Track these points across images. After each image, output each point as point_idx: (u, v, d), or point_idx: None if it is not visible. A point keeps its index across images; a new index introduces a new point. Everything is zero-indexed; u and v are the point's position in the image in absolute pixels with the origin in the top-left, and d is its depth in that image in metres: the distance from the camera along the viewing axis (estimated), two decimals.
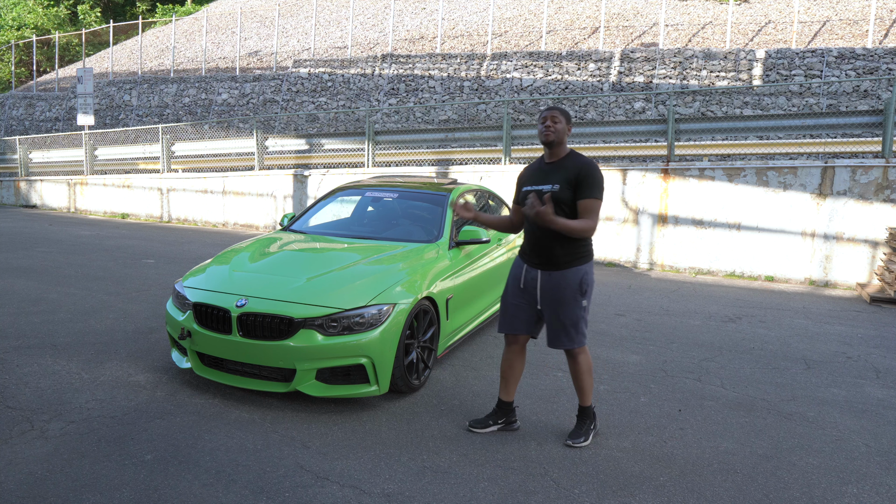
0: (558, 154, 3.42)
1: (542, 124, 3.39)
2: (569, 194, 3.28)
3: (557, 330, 3.39)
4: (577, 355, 3.44)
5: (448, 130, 12.02)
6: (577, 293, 3.34)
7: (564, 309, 3.35)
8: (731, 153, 10.45)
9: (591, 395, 3.51)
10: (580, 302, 3.36)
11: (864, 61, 13.46)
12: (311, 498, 2.85)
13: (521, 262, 3.52)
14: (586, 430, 3.48)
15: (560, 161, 3.41)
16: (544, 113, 3.43)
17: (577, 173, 3.28)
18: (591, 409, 3.53)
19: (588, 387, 3.48)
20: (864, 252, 8.43)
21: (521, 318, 3.47)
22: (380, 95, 17.64)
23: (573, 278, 3.34)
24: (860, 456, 3.44)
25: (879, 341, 5.81)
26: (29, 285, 7.01)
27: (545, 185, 3.36)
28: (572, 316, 3.36)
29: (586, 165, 3.32)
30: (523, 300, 3.46)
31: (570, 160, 3.38)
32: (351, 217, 5.80)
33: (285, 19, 24.72)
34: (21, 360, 4.53)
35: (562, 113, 3.39)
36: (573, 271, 3.34)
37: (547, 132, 3.37)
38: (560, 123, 3.37)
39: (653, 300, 7.34)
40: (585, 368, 3.45)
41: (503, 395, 3.61)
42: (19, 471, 2.99)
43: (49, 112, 24.29)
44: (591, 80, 15.50)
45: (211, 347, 3.84)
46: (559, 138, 3.38)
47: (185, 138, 15.50)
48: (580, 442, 3.43)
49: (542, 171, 3.44)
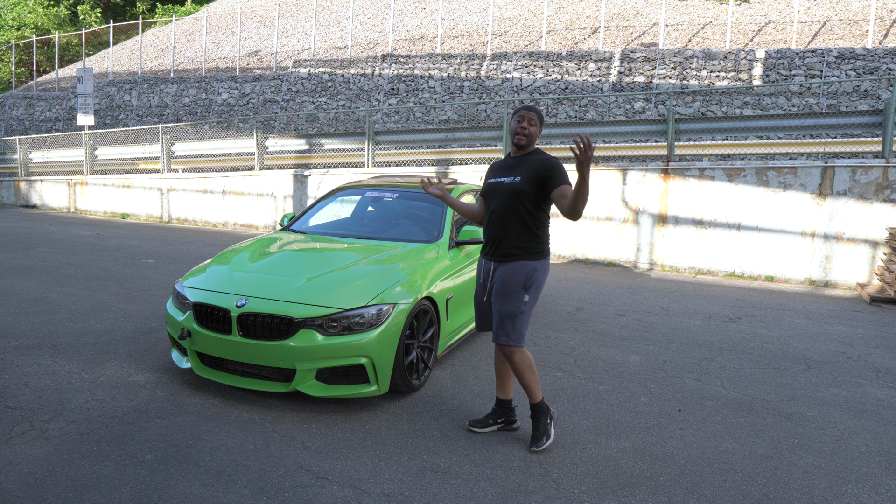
0: (524, 151, 3.49)
1: (518, 124, 3.42)
2: (529, 188, 3.32)
3: (497, 322, 3.37)
4: (513, 355, 3.36)
5: (448, 130, 12.02)
6: (520, 286, 3.32)
7: (505, 300, 3.33)
8: (731, 153, 10.45)
9: (538, 390, 3.42)
10: (521, 296, 3.32)
11: (864, 61, 13.46)
12: (311, 498, 2.85)
13: (482, 259, 3.57)
14: (544, 428, 3.40)
15: (525, 156, 3.46)
16: (520, 113, 3.44)
17: (539, 169, 3.32)
18: (543, 405, 3.44)
19: (532, 383, 3.40)
20: (864, 252, 8.43)
21: (483, 313, 3.55)
22: (380, 95, 17.64)
23: (520, 270, 3.34)
24: (860, 456, 3.44)
25: (879, 341, 5.81)
26: (29, 285, 7.01)
27: (508, 177, 3.42)
28: (511, 307, 3.31)
29: (549, 161, 3.36)
30: (484, 296, 3.51)
31: (534, 156, 3.43)
32: (351, 217, 5.80)
33: (285, 19, 24.72)
34: (21, 360, 4.53)
35: (537, 116, 3.44)
36: (522, 264, 3.35)
37: (520, 136, 3.42)
38: (534, 127, 3.43)
39: (653, 300, 7.34)
40: (524, 367, 3.37)
41: (500, 393, 3.62)
42: (19, 471, 2.99)
43: (49, 112, 24.29)
44: (591, 80, 15.49)
45: (211, 347, 3.84)
46: (530, 142, 3.45)
47: (185, 138, 15.50)
48: (543, 444, 3.35)
49: (507, 165, 3.50)
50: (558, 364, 4.81)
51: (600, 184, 9.92)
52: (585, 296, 7.45)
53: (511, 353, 3.35)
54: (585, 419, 3.81)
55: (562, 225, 10.23)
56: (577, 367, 4.79)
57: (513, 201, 3.34)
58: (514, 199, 3.34)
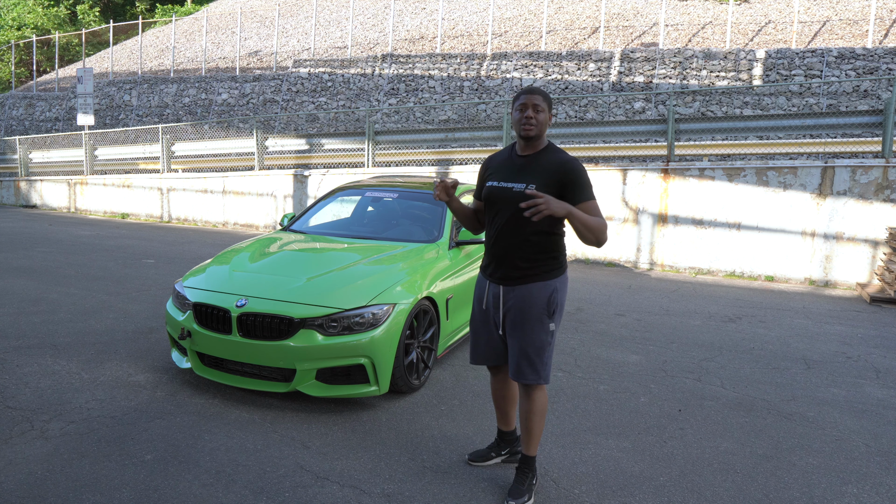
0: (535, 146, 2.82)
1: (522, 114, 2.76)
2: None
3: (520, 359, 2.80)
4: (534, 393, 2.84)
5: (448, 130, 12.02)
6: (543, 313, 2.77)
7: (528, 332, 2.78)
8: (731, 153, 10.45)
9: (538, 444, 2.94)
10: (547, 324, 2.79)
11: (864, 61, 13.46)
12: (311, 498, 2.85)
13: (482, 279, 2.97)
14: (529, 486, 2.89)
15: (536, 155, 2.81)
16: (523, 98, 2.77)
17: (560, 174, 2.72)
18: (534, 461, 2.95)
19: (538, 433, 2.90)
20: (864, 252, 8.43)
21: (490, 345, 2.95)
22: (380, 95, 17.64)
23: (540, 294, 2.77)
24: (860, 456, 3.44)
25: (879, 341, 5.81)
26: (29, 285, 7.01)
27: (517, 182, 2.77)
28: (536, 341, 2.77)
29: (570, 164, 2.74)
30: (488, 324, 2.93)
31: (549, 156, 2.80)
32: (351, 217, 5.80)
33: (285, 19, 24.72)
34: (21, 360, 4.53)
35: (544, 99, 2.78)
36: (541, 286, 2.78)
37: (528, 126, 2.74)
38: (543, 113, 2.77)
39: (653, 300, 7.34)
40: (539, 409, 2.86)
41: (501, 424, 3.19)
42: (19, 471, 2.99)
43: (49, 112, 24.29)
44: (591, 80, 15.49)
45: (211, 347, 3.84)
46: (541, 131, 2.78)
47: (185, 138, 15.51)
48: (524, 502, 2.84)
49: (514, 164, 2.83)
50: (558, 364, 4.81)
51: (600, 184, 9.92)
52: (585, 296, 7.45)
53: (536, 392, 2.84)
54: (585, 419, 3.81)
55: None
56: (577, 367, 4.79)
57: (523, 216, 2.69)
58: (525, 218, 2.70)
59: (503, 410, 3.16)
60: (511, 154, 2.89)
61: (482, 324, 2.96)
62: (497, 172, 2.87)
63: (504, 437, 3.21)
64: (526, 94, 2.78)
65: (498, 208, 2.81)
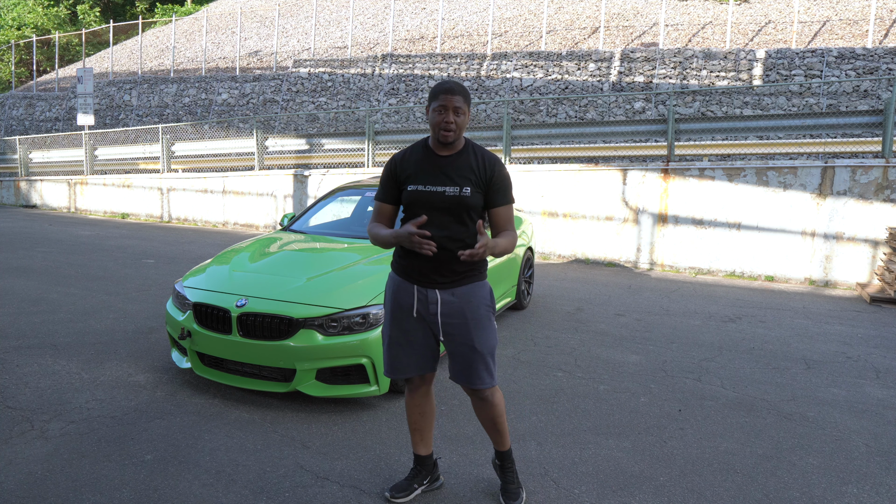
0: (455, 146, 2.64)
1: (440, 116, 2.55)
2: (478, 198, 2.61)
3: (474, 362, 2.66)
4: (494, 396, 2.74)
5: None
6: (489, 311, 2.69)
7: (479, 333, 2.65)
8: (731, 153, 10.45)
9: (508, 437, 2.87)
10: (493, 322, 2.72)
11: (864, 61, 13.46)
12: (311, 498, 2.85)
13: (407, 284, 2.70)
14: (516, 480, 2.86)
15: (458, 155, 2.64)
16: (442, 99, 2.54)
17: (488, 173, 2.61)
18: (511, 453, 2.89)
19: (505, 428, 2.82)
20: (864, 252, 8.43)
21: (421, 353, 2.75)
22: (380, 95, 17.64)
23: (482, 292, 2.68)
24: (860, 456, 3.44)
25: (879, 341, 5.81)
26: (29, 285, 7.01)
27: (447, 186, 2.59)
28: (489, 340, 2.68)
29: (497, 163, 2.64)
30: (416, 332, 2.71)
31: (471, 153, 2.64)
32: (351, 217, 5.80)
33: (285, 19, 24.72)
34: (21, 360, 4.53)
35: (464, 99, 2.58)
36: (480, 285, 2.69)
37: (447, 131, 2.56)
38: (463, 116, 2.57)
39: (653, 300, 7.34)
40: (501, 409, 2.77)
41: (421, 448, 2.93)
42: (19, 471, 2.99)
43: (49, 112, 24.29)
44: (591, 80, 15.49)
45: (211, 347, 3.84)
46: (460, 134, 2.61)
47: (185, 138, 15.51)
48: (523, 498, 2.83)
49: (436, 164, 2.63)
50: (558, 364, 4.81)
51: (600, 184, 9.92)
52: (585, 296, 7.44)
53: (493, 394, 2.73)
54: (585, 419, 3.81)
55: (561, 225, 10.23)
56: (577, 367, 4.79)
57: (462, 216, 2.59)
58: (465, 214, 2.59)
59: (422, 430, 2.90)
60: (426, 153, 2.67)
61: (410, 333, 2.72)
62: (417, 175, 2.64)
63: (423, 462, 2.94)
64: (445, 95, 2.54)
65: (428, 213, 2.58)
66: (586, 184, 10.06)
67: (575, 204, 10.16)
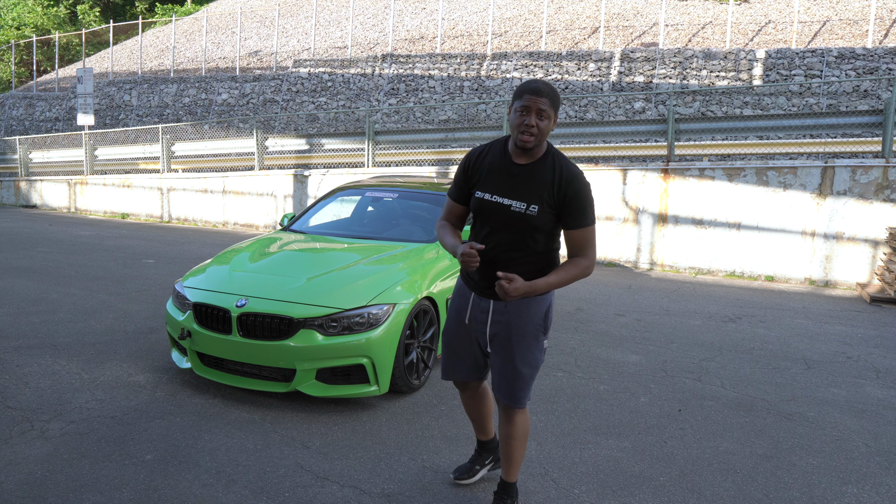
0: (533, 155, 2.45)
1: (521, 118, 2.35)
2: (549, 218, 2.43)
3: (513, 379, 2.57)
4: (516, 415, 2.64)
5: (448, 130, 12.02)
6: (539, 330, 2.55)
7: (523, 350, 2.54)
8: (731, 153, 10.45)
9: (518, 470, 2.73)
10: (542, 341, 2.58)
11: (864, 61, 13.46)
12: (311, 498, 2.85)
13: (467, 290, 2.66)
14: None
15: (536, 165, 2.44)
16: (527, 99, 2.32)
17: (563, 191, 2.39)
18: (514, 487, 2.74)
19: (519, 458, 2.69)
20: (864, 252, 8.43)
21: (468, 360, 2.71)
22: (380, 95, 17.64)
23: (537, 310, 2.53)
24: (860, 456, 3.44)
25: (879, 341, 5.81)
26: (29, 285, 7.01)
27: (514, 200, 2.43)
28: (531, 360, 2.56)
29: (576, 179, 2.41)
30: (464, 338, 2.68)
31: (550, 165, 2.43)
32: (351, 217, 5.80)
33: (285, 19, 24.72)
34: (21, 360, 4.53)
35: (551, 102, 2.35)
36: (538, 301, 2.52)
37: (527, 135, 2.35)
38: (547, 120, 2.36)
39: (653, 300, 7.34)
40: (522, 433, 2.66)
41: (481, 435, 3.00)
42: (19, 471, 2.99)
43: (49, 112, 24.28)
44: (591, 80, 15.49)
45: (211, 347, 3.84)
46: (542, 140, 2.40)
47: (185, 138, 15.51)
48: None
49: (509, 173, 2.46)
50: (558, 364, 4.81)
51: (600, 184, 9.92)
52: (585, 296, 7.45)
53: (518, 413, 2.64)
54: (585, 419, 3.81)
55: None
56: (577, 367, 4.79)
57: (525, 235, 2.44)
58: (528, 233, 2.44)
59: (478, 421, 2.94)
60: (503, 157, 2.49)
61: (461, 337, 2.69)
62: (488, 181, 2.50)
63: (485, 446, 3.02)
64: (530, 95, 2.32)
65: (491, 225, 2.49)
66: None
67: None
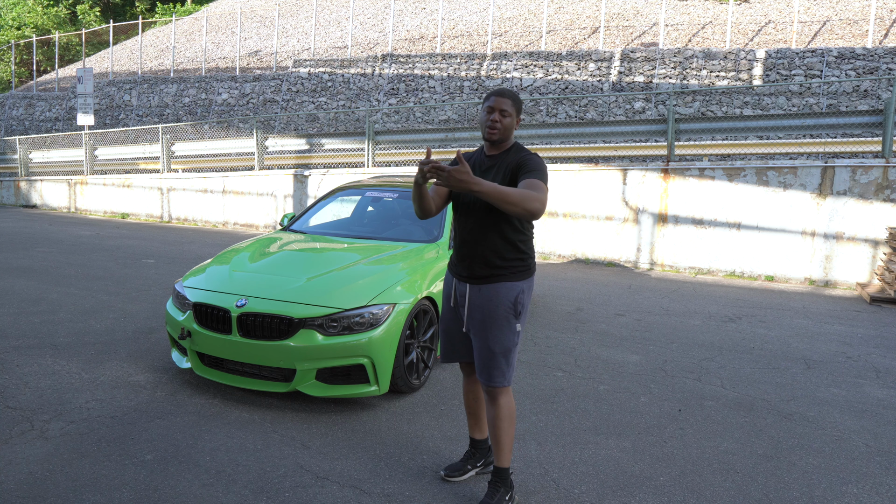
0: (500, 147, 2.83)
1: (488, 116, 2.75)
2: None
3: (487, 360, 2.76)
4: (499, 396, 2.78)
5: (448, 130, 12.02)
6: (510, 313, 2.74)
7: (494, 332, 2.74)
8: (731, 153, 10.45)
9: (510, 453, 2.80)
10: (513, 325, 2.75)
11: (864, 61, 13.45)
12: (311, 498, 2.85)
13: (450, 276, 2.97)
14: (500, 501, 2.77)
15: (502, 155, 2.82)
16: (492, 100, 2.76)
17: (518, 164, 2.73)
18: (507, 473, 2.82)
19: (508, 441, 2.79)
20: (864, 252, 8.43)
21: (464, 343, 2.92)
22: (380, 95, 17.64)
23: (507, 295, 2.74)
24: (860, 456, 3.44)
25: (879, 341, 5.81)
26: (29, 285, 7.00)
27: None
28: (504, 341, 2.74)
29: (528, 154, 2.76)
30: (454, 322, 2.92)
31: (514, 153, 2.80)
32: (351, 217, 5.80)
33: (285, 19, 24.71)
34: (21, 360, 4.53)
35: (513, 103, 2.77)
36: (508, 286, 2.74)
37: (492, 130, 2.75)
38: (509, 118, 2.76)
39: (653, 300, 7.34)
40: (507, 414, 2.78)
41: (475, 433, 3.10)
42: (19, 471, 2.99)
43: (49, 112, 24.28)
44: (591, 80, 15.49)
45: (211, 347, 3.84)
46: (505, 136, 2.78)
47: (185, 138, 15.50)
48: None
49: (483, 165, 2.85)
50: (558, 364, 4.81)
51: (600, 184, 9.92)
52: (585, 296, 7.45)
53: (500, 394, 2.79)
54: (585, 419, 3.81)
55: (561, 224, 10.23)
56: (577, 367, 4.79)
57: (493, 214, 2.71)
58: (495, 212, 2.70)
59: (476, 415, 3.07)
60: (480, 155, 2.90)
61: (452, 321, 2.93)
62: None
63: (477, 446, 3.11)
64: (495, 97, 2.76)
65: (467, 208, 2.78)
66: (586, 184, 10.06)
67: (575, 204, 10.16)
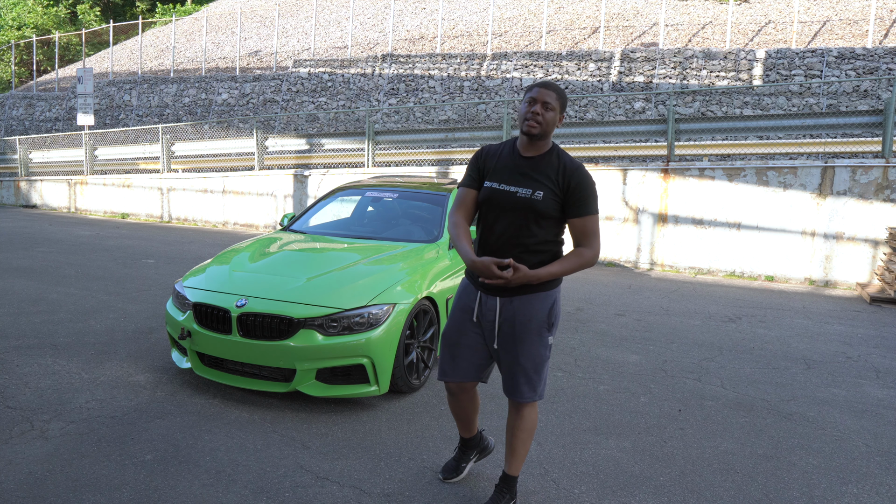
0: (539, 147, 2.58)
1: (529, 108, 2.52)
2: (553, 206, 2.52)
3: (516, 374, 2.62)
4: (526, 410, 2.70)
5: (448, 130, 12.02)
6: (543, 326, 2.59)
7: (527, 347, 2.59)
8: (731, 153, 10.45)
9: (521, 464, 2.76)
10: (546, 338, 2.61)
11: (864, 61, 13.45)
12: (311, 498, 2.85)
13: (472, 289, 2.71)
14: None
15: (541, 157, 2.58)
16: (535, 91, 2.53)
17: (566, 180, 2.52)
18: (515, 482, 2.78)
19: (524, 452, 2.74)
20: (864, 252, 8.43)
21: (471, 361, 2.73)
22: (380, 95, 17.64)
23: (542, 306, 2.57)
24: (860, 456, 3.44)
25: (879, 341, 5.81)
26: (29, 285, 7.00)
27: (521, 186, 2.54)
28: (536, 356, 2.60)
29: (579, 172, 2.53)
30: (472, 337, 2.70)
31: (555, 159, 2.57)
32: (351, 217, 5.80)
33: (285, 19, 24.71)
34: (21, 360, 4.53)
35: (558, 97, 2.54)
36: (542, 297, 2.57)
37: (532, 122, 2.51)
38: (552, 112, 2.52)
39: (653, 300, 7.34)
40: (529, 426, 2.71)
41: (465, 433, 3.01)
42: (19, 471, 2.99)
43: (49, 112, 24.28)
44: (591, 80, 15.49)
45: (211, 347, 3.84)
46: (546, 130, 2.54)
47: (185, 138, 15.51)
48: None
49: (517, 165, 2.59)
50: (558, 364, 4.81)
51: (600, 184, 9.92)
52: (585, 296, 7.44)
53: (528, 410, 2.69)
54: (585, 419, 3.81)
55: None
56: (577, 367, 4.79)
57: (530, 221, 2.51)
58: (533, 220, 2.51)
59: (464, 420, 2.94)
60: (512, 152, 2.63)
61: (465, 337, 2.70)
62: (498, 172, 2.61)
63: (468, 443, 3.05)
64: (539, 88, 2.53)
65: (498, 212, 2.57)
66: None
67: None
